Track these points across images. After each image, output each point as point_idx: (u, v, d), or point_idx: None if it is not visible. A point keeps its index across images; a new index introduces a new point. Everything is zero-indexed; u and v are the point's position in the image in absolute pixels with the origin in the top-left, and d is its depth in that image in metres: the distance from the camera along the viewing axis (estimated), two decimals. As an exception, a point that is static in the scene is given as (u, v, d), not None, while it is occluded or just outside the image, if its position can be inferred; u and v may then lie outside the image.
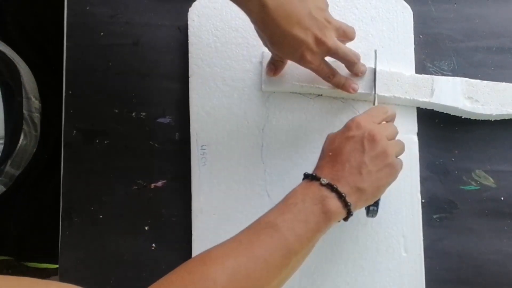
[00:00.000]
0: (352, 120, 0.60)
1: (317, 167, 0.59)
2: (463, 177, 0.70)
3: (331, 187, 0.55)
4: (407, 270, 0.67)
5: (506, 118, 0.69)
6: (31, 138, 0.73)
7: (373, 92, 0.68)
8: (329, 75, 0.65)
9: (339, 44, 0.63)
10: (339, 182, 0.55)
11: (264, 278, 0.53)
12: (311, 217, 0.54)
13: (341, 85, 0.67)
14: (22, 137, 0.71)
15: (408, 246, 0.68)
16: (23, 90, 0.72)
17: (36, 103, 0.74)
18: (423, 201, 0.69)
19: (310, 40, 0.60)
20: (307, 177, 0.57)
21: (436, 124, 0.70)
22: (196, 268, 0.52)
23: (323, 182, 0.55)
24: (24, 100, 0.72)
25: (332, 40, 0.61)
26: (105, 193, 0.71)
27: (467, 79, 0.68)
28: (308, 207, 0.54)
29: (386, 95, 0.68)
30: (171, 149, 0.71)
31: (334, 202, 0.55)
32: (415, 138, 0.70)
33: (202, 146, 0.70)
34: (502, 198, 0.69)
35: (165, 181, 0.71)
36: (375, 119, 0.61)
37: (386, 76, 0.69)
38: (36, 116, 0.74)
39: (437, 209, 0.69)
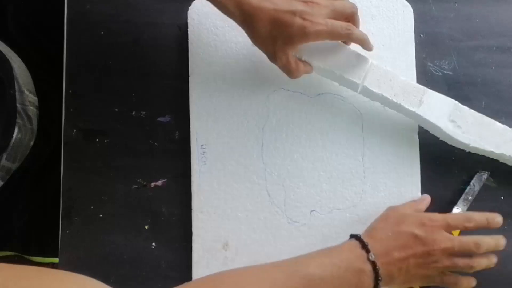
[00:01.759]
0: (427, 227, 0.60)
1: (372, 236, 0.60)
2: (463, 176, 0.70)
3: (374, 267, 0.56)
4: (407, 270, 0.67)
5: (480, 154, 0.67)
6: (26, 132, 0.73)
7: (362, 83, 0.66)
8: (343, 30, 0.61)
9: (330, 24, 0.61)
10: (382, 265, 0.57)
11: None
12: (346, 285, 0.56)
13: (360, 40, 0.64)
14: (16, 130, 0.71)
15: (408, 246, 0.68)
16: (15, 83, 0.72)
17: (30, 97, 0.74)
18: (423, 200, 0.69)
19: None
20: (358, 240, 0.59)
21: (436, 124, 0.70)
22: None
23: (370, 258, 0.57)
24: (17, 93, 0.72)
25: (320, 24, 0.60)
26: (105, 192, 0.71)
27: (456, 102, 0.66)
28: (348, 278, 0.56)
29: (374, 90, 0.66)
30: (171, 148, 0.71)
31: (368, 280, 0.56)
32: (416, 137, 0.70)
33: (202, 145, 0.70)
34: (502, 198, 0.69)
35: (165, 180, 0.71)
36: (452, 226, 0.61)
37: (380, 72, 0.66)
38: (31, 109, 0.74)
39: (437, 209, 0.68)
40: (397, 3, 0.72)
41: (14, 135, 0.71)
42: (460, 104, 0.66)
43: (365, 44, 0.64)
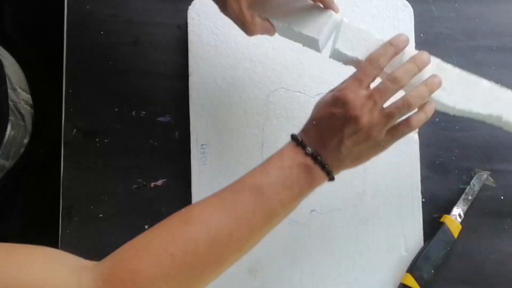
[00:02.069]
0: (340, 90, 0.56)
1: (304, 130, 0.58)
2: (463, 176, 0.70)
3: (315, 158, 0.55)
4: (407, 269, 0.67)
5: (465, 116, 0.61)
6: (19, 129, 0.73)
7: (333, 45, 0.59)
8: None
9: None
10: (322, 154, 0.55)
11: (245, 239, 0.53)
12: (296, 185, 0.55)
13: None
14: (9, 127, 0.71)
15: (408, 246, 0.68)
16: (7, 80, 0.72)
17: (23, 94, 0.74)
18: (423, 200, 0.69)
19: None
20: (294, 139, 0.57)
21: (436, 124, 0.70)
22: (177, 228, 0.52)
23: (308, 152, 0.55)
24: (9, 90, 0.72)
25: None
26: (105, 192, 0.71)
27: (439, 61, 0.59)
28: (294, 175, 0.55)
29: (348, 54, 0.58)
30: (171, 148, 0.71)
31: (318, 173, 0.55)
32: (416, 137, 0.70)
33: (202, 145, 0.70)
34: (502, 198, 0.69)
35: (165, 180, 0.71)
36: (364, 83, 0.56)
37: (353, 32, 0.58)
38: (25, 107, 0.74)
39: (437, 209, 0.69)
40: (397, 3, 0.72)
41: (7, 132, 0.71)
42: (443, 63, 0.60)
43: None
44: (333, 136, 0.55)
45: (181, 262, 0.50)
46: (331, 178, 0.56)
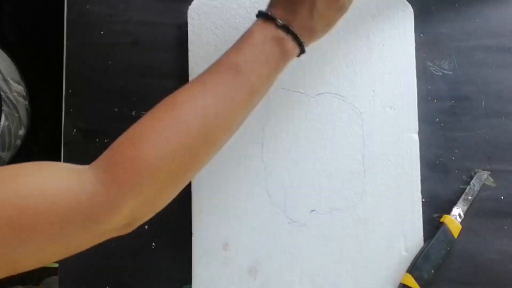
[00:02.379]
0: None
1: (271, 5, 0.58)
2: (463, 176, 0.70)
3: (286, 29, 0.56)
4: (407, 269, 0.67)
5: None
6: (13, 120, 0.73)
7: None
8: None
9: None
10: (293, 23, 0.56)
11: (232, 116, 0.55)
12: (271, 58, 0.56)
13: None
14: (3, 117, 0.71)
15: (408, 246, 0.68)
16: None
17: (15, 86, 0.74)
18: (423, 200, 0.69)
19: None
20: (261, 15, 0.57)
21: (436, 124, 0.70)
22: (166, 114, 0.53)
23: (278, 23, 0.55)
24: (1, 81, 0.72)
25: None
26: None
27: None
28: (268, 49, 0.55)
29: None
30: (171, 148, 0.71)
31: (290, 44, 0.56)
32: (416, 137, 0.70)
33: (202, 145, 0.70)
34: (502, 198, 0.69)
35: (165, 180, 0.71)
36: None
37: None
38: (18, 99, 0.74)
39: (437, 209, 0.69)
40: (397, 3, 0.72)
41: (2, 122, 0.71)
42: None
43: None
44: (304, 2, 0.56)
45: (176, 144, 0.51)
46: (302, 50, 0.58)
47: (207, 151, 0.55)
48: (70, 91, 0.72)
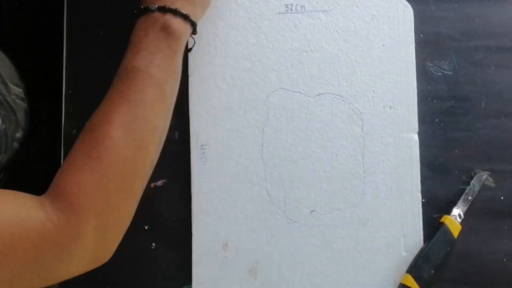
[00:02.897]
0: None
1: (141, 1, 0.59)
2: (463, 176, 0.70)
3: (161, 9, 0.56)
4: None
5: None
6: (10, 122, 0.73)
7: None
8: None
9: None
10: (167, 1, 0.57)
11: (150, 116, 0.56)
12: (161, 44, 0.56)
13: None
14: (0, 120, 0.71)
15: (408, 246, 0.68)
16: None
17: (14, 89, 0.74)
18: (423, 200, 0.69)
19: None
20: (136, 14, 0.58)
21: (436, 124, 0.70)
22: (86, 133, 0.55)
23: (152, 8, 0.56)
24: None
25: None
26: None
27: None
28: (153, 38, 0.56)
29: None
30: (171, 148, 0.71)
31: (173, 20, 0.57)
32: (415, 137, 0.70)
33: (202, 145, 0.70)
34: (502, 198, 0.69)
35: (165, 180, 0.71)
36: None
37: None
38: (16, 101, 0.74)
39: (437, 209, 0.69)
40: (397, 3, 0.72)
41: None
42: None
43: None
44: None
45: (110, 163, 0.53)
46: (192, 22, 0.58)
47: (144, 158, 0.56)
48: (70, 91, 0.72)
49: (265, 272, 0.68)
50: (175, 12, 0.56)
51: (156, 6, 0.56)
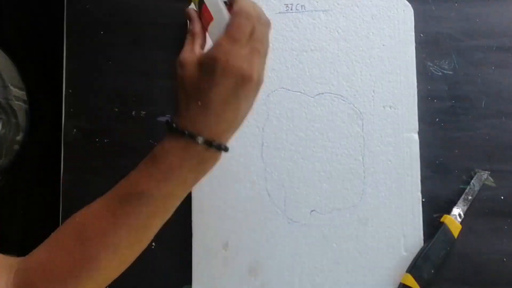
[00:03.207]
0: (213, 58, 0.50)
1: (182, 116, 0.51)
2: (463, 176, 0.70)
3: (209, 144, 0.50)
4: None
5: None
6: (10, 126, 0.73)
7: None
8: None
9: None
10: (217, 135, 0.50)
11: (145, 241, 0.54)
12: (190, 177, 0.51)
13: None
14: (0, 126, 0.71)
15: (408, 246, 0.68)
16: None
17: (15, 91, 0.74)
18: (423, 200, 0.69)
19: None
20: (176, 131, 0.50)
21: (436, 124, 0.70)
22: (75, 247, 0.51)
23: (199, 141, 0.49)
24: (1, 88, 0.72)
25: None
26: (105, 192, 0.71)
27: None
28: (186, 171, 0.50)
29: None
30: (171, 148, 0.71)
31: (214, 157, 0.51)
32: (416, 137, 0.70)
33: (202, 145, 0.70)
34: (502, 198, 0.69)
35: (165, 180, 0.71)
36: (243, 41, 0.50)
37: None
38: (17, 104, 0.74)
39: (437, 209, 0.69)
40: (397, 3, 0.72)
41: None
42: None
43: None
44: (227, 110, 0.50)
45: (86, 278, 0.51)
46: (225, 149, 0.52)
47: (119, 268, 0.54)
48: (70, 91, 0.73)
49: (265, 272, 0.68)
50: (219, 149, 0.50)
51: (204, 139, 0.49)
